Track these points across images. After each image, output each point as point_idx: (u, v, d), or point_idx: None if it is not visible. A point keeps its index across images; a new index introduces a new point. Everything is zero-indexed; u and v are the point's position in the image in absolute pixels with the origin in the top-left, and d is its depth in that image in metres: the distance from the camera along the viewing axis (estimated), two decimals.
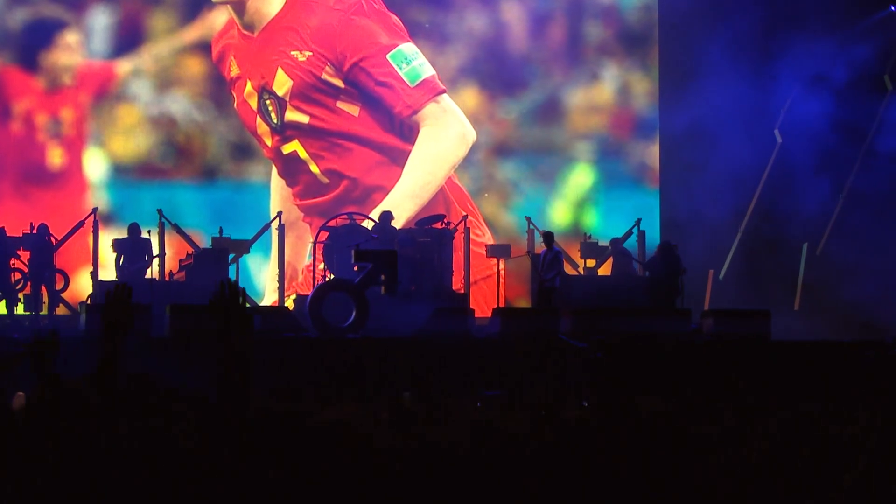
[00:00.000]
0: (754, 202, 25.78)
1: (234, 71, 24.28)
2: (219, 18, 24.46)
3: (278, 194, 24.41)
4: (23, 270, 21.39)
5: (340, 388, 16.19)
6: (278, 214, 23.24)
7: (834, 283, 23.74)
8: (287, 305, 22.50)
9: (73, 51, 24.30)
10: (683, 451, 5.42)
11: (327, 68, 24.09)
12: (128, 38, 24.60)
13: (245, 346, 5.73)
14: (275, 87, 24.06)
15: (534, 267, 21.53)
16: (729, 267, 25.61)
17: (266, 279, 23.84)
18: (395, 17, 24.59)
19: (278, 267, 22.95)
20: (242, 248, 22.44)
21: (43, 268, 21.27)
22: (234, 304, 5.86)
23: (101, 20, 24.58)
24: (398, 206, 23.16)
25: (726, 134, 24.98)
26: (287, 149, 24.25)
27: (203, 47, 24.59)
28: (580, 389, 15.30)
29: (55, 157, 23.99)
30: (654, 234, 24.74)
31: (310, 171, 24.29)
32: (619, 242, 23.67)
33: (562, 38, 26.22)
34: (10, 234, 21.27)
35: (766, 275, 24.79)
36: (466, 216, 23.25)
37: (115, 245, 21.52)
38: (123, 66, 24.50)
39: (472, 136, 24.64)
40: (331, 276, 21.23)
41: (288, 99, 24.09)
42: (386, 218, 21.83)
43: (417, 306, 20.06)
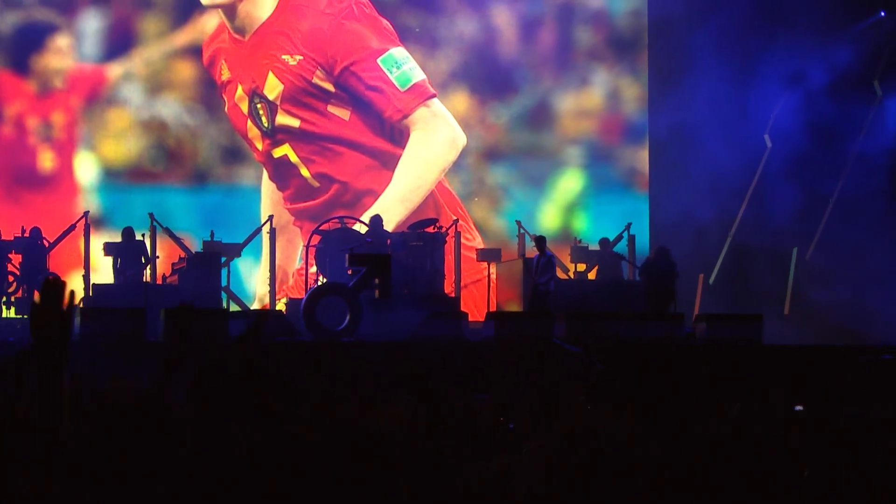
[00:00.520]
0: (744, 207, 25.74)
1: (225, 75, 24.28)
2: (210, 22, 24.49)
3: (269, 198, 24.43)
4: (15, 274, 21.44)
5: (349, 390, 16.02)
6: (269, 218, 23.33)
7: (821, 288, 23.81)
8: (279, 308, 22.39)
9: (65, 54, 24.42)
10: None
11: (318, 72, 24.11)
12: (119, 42, 24.65)
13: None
14: (265, 91, 24.07)
15: (527, 271, 21.51)
16: (719, 271, 25.68)
17: (257, 283, 23.86)
18: (385, 22, 24.59)
19: (269, 270, 23.01)
20: (234, 251, 22.59)
21: (35, 271, 21.35)
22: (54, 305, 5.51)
23: (92, 24, 24.65)
24: (388, 210, 23.22)
25: (716, 139, 24.90)
26: (278, 152, 24.25)
27: (194, 51, 24.62)
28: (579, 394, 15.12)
29: (46, 160, 24.08)
30: (643, 238, 24.77)
31: (300, 174, 24.30)
32: (610, 245, 23.63)
33: (552, 42, 26.19)
34: (2, 237, 21.33)
35: (755, 279, 24.79)
36: (457, 220, 23.26)
37: (109, 249, 21.55)
38: (114, 70, 24.56)
39: (462, 140, 24.70)
40: (323, 279, 21.20)
41: (279, 103, 24.10)
42: (377, 222, 21.85)
43: (410, 310, 20.01)
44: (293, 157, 24.22)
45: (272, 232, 23.03)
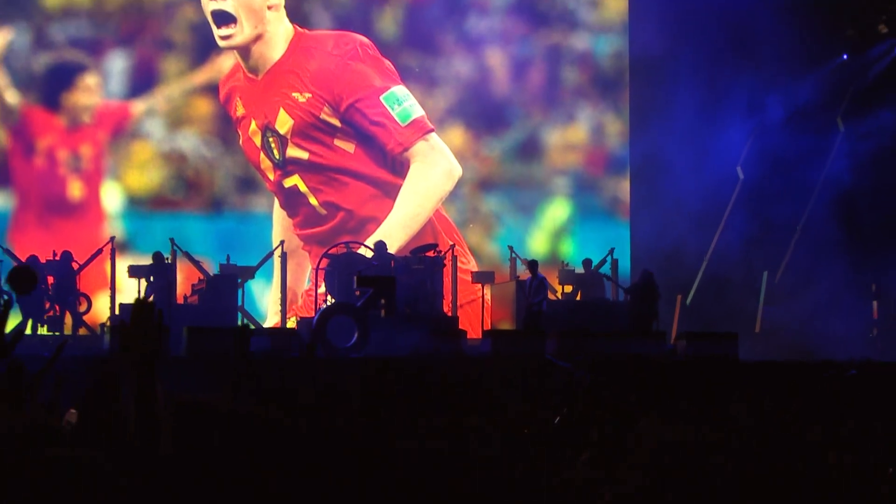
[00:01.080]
0: (718, 233, 25.76)
1: (240, 111, 24.23)
2: (226, 63, 24.39)
3: (280, 224, 24.33)
4: (48, 294, 21.35)
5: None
6: (281, 243, 23.29)
7: (788, 309, 23.88)
8: (290, 326, 22.40)
9: (93, 92, 24.28)
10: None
11: (325, 109, 24.06)
12: (142, 81, 24.57)
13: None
14: (277, 126, 24.01)
15: (520, 292, 21.45)
16: (695, 292, 25.63)
17: (269, 302, 23.74)
18: (387, 62, 24.58)
19: (280, 291, 22.95)
20: (248, 273, 22.41)
21: (66, 292, 21.37)
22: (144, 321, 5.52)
23: (117, 64, 24.55)
24: (391, 236, 23.15)
25: (692, 170, 24.98)
26: (288, 182, 24.17)
27: (211, 89, 24.52)
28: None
29: (75, 189, 23.92)
30: (625, 262, 24.75)
31: (309, 203, 24.20)
32: (596, 266, 23.58)
33: (541, 82, 26.19)
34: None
35: (729, 300, 24.72)
36: (454, 245, 23.25)
37: (134, 271, 21.47)
38: (138, 106, 24.47)
39: (458, 171, 24.67)
40: (331, 299, 21.11)
41: (289, 137, 24.03)
42: (382, 247, 21.84)
43: (413, 328, 19.88)
44: (302, 187, 24.15)
45: (283, 256, 22.98)
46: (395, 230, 23.76)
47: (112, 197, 24.21)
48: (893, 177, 24.64)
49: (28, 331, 21.30)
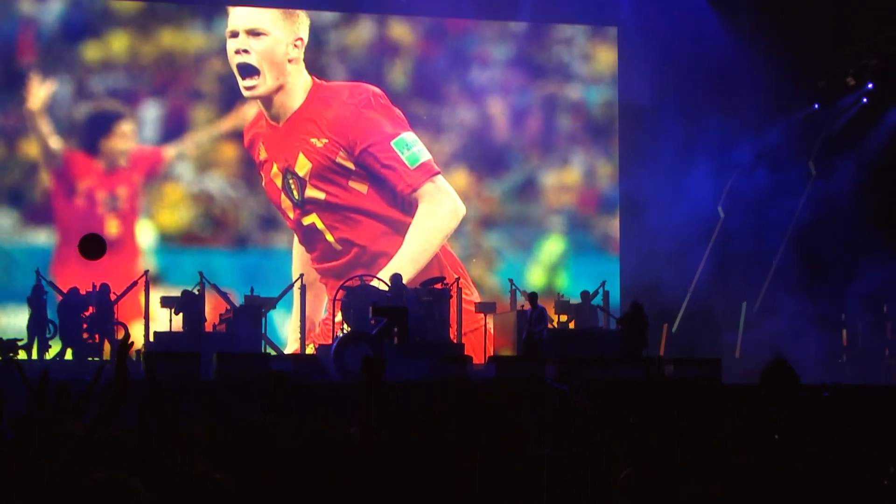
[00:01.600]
0: (701, 267, 25.64)
1: (263, 155, 24.29)
2: (250, 111, 24.47)
3: (299, 259, 24.31)
4: (88, 322, 21.32)
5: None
6: (300, 276, 23.14)
7: (764, 337, 23.56)
8: (309, 353, 22.28)
9: (128, 138, 24.38)
10: None
11: (341, 153, 24.13)
12: (174, 128, 24.62)
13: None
14: (297, 169, 24.06)
15: (522, 321, 21.31)
16: (680, 321, 25.56)
17: (289, 330, 23.64)
18: (398, 111, 24.69)
19: (300, 320, 22.80)
20: (270, 304, 22.15)
21: (104, 321, 21.27)
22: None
23: (151, 112, 24.64)
24: (400, 270, 22.76)
25: (676, 209, 24.95)
26: (307, 221, 24.25)
27: (236, 135, 24.58)
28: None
29: (112, 227, 23.93)
30: (615, 294, 24.74)
31: (326, 239, 24.23)
32: (590, 298, 23.52)
33: (538, 128, 26.21)
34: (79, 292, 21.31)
35: (712, 327, 24.80)
36: (458, 278, 23.15)
37: (166, 302, 21.31)
38: (170, 151, 24.54)
39: (462, 210, 24.74)
40: (347, 327, 20.99)
41: (308, 179, 24.08)
42: (396, 280, 21.67)
43: (423, 354, 19.79)
44: (320, 225, 24.19)
45: (302, 288, 22.84)
46: (404, 264, 23.61)
47: (146, 234, 24.28)
48: (857, 217, 24.63)
49: (69, 356, 21.42)
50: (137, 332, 21.83)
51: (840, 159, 25.11)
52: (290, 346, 23.47)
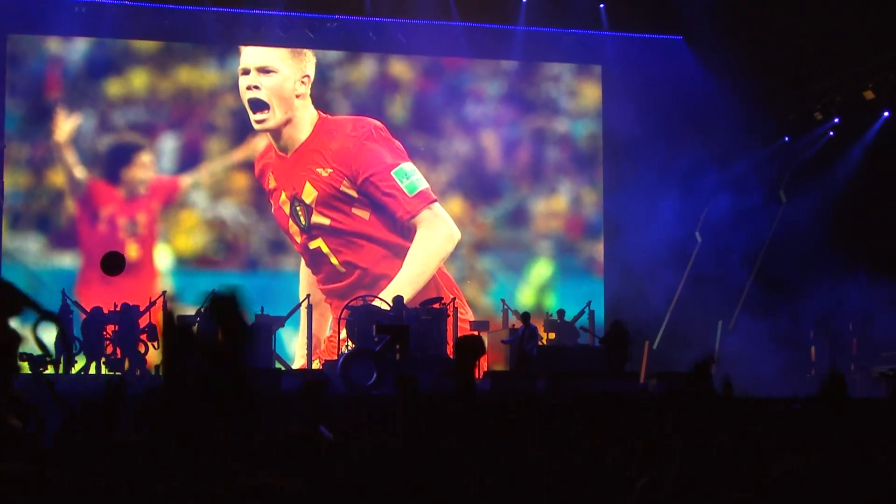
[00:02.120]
0: (680, 288, 25.69)
1: (272, 184, 24.34)
2: (260, 143, 24.52)
3: (306, 281, 24.28)
4: (110, 339, 21.50)
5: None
6: (307, 297, 23.17)
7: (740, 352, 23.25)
8: (315, 367, 22.40)
9: (147, 168, 24.48)
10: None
11: (345, 182, 24.14)
12: (189, 158, 24.70)
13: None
14: (304, 197, 24.10)
15: (515, 338, 21.32)
16: (661, 338, 25.49)
17: (296, 347, 23.62)
18: (397, 142, 24.73)
19: (307, 338, 22.83)
20: (279, 323, 22.07)
21: (126, 338, 21.41)
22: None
23: (168, 144, 24.73)
24: (400, 291, 22.95)
25: (656, 234, 24.93)
26: (313, 245, 24.25)
27: (247, 165, 24.64)
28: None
29: (132, 250, 23.94)
30: (600, 313, 24.66)
31: (330, 262, 24.24)
32: (576, 317, 23.57)
33: (527, 159, 26.24)
34: (102, 311, 21.50)
35: (690, 344, 23.87)
36: (454, 298, 23.16)
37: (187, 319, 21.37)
38: (186, 180, 24.64)
39: (457, 235, 24.74)
40: (351, 344, 21.08)
41: (314, 206, 24.11)
42: (398, 300, 21.81)
43: (423, 369, 19.53)
44: (325, 249, 24.19)
45: (309, 307, 22.86)
46: (403, 286, 23.64)
47: (163, 257, 24.31)
48: (823, 241, 24.15)
49: (92, 370, 21.44)
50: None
51: (808, 188, 25.06)
52: (298, 362, 23.46)
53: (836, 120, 25.14)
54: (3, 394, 6.61)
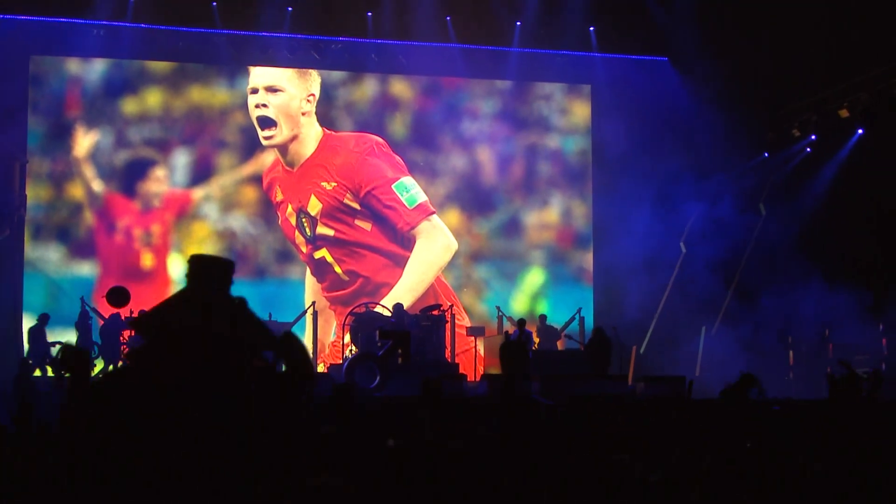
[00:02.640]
0: (665, 296, 25.69)
1: (279, 197, 24.36)
2: (268, 158, 24.50)
3: (311, 289, 24.33)
4: (126, 344, 21.18)
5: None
6: (312, 304, 23.21)
7: (722, 356, 23.27)
8: (320, 371, 21.96)
9: (161, 182, 24.52)
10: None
11: (348, 195, 24.19)
12: (201, 173, 24.76)
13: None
14: (309, 209, 24.16)
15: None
16: (647, 343, 25.53)
17: None
18: (398, 158, 24.78)
19: (312, 342, 22.62)
20: (285, 328, 22.23)
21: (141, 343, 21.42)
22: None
23: (182, 159, 24.77)
24: (400, 298, 23.14)
25: (642, 245, 25.00)
26: (318, 255, 24.29)
27: (256, 179, 24.64)
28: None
29: (147, 260, 24.05)
30: (589, 319, 24.68)
31: (334, 271, 24.26)
32: (567, 324, 23.58)
33: (521, 174, 26.28)
34: (120, 318, 21.28)
35: (676, 348, 24.49)
36: (452, 305, 23.13)
37: None
38: (198, 193, 24.68)
39: (454, 246, 24.82)
40: (355, 348, 21.08)
41: (319, 218, 24.16)
42: (399, 307, 21.89)
43: (424, 372, 18.86)
44: (329, 258, 24.21)
45: (314, 314, 22.88)
46: (403, 294, 23.75)
47: (176, 266, 24.20)
48: (800, 251, 24.24)
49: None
50: None
51: (787, 201, 25.14)
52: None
53: (813, 137, 25.19)
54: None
